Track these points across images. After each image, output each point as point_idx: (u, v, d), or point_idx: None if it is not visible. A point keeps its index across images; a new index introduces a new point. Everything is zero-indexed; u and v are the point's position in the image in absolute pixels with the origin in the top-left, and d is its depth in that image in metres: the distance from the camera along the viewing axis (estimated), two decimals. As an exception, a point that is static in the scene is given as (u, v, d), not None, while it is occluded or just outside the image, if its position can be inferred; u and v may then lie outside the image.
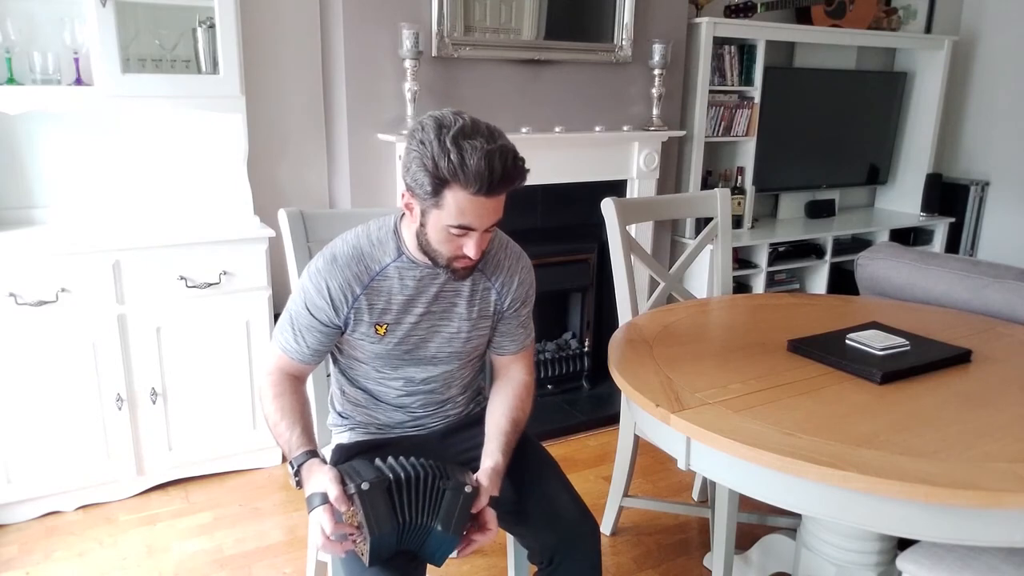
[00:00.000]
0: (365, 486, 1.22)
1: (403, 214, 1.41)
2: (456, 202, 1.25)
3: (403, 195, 1.33)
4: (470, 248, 1.31)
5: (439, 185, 1.24)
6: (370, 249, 1.41)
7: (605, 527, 2.33)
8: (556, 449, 2.80)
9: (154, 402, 2.47)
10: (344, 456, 1.52)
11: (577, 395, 3.32)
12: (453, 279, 1.42)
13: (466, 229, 1.28)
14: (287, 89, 2.88)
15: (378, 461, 1.31)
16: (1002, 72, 4.40)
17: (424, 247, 1.36)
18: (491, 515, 1.33)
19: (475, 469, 1.39)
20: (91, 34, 2.33)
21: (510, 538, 1.75)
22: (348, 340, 1.45)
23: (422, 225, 1.32)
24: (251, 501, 2.52)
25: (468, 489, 1.28)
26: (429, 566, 1.37)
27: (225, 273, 2.49)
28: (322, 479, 1.25)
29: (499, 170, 1.22)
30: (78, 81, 2.41)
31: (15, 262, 2.21)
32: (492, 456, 1.40)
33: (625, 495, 2.30)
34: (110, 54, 2.34)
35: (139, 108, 2.55)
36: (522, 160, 1.27)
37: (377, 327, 1.42)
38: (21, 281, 2.23)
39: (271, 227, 2.54)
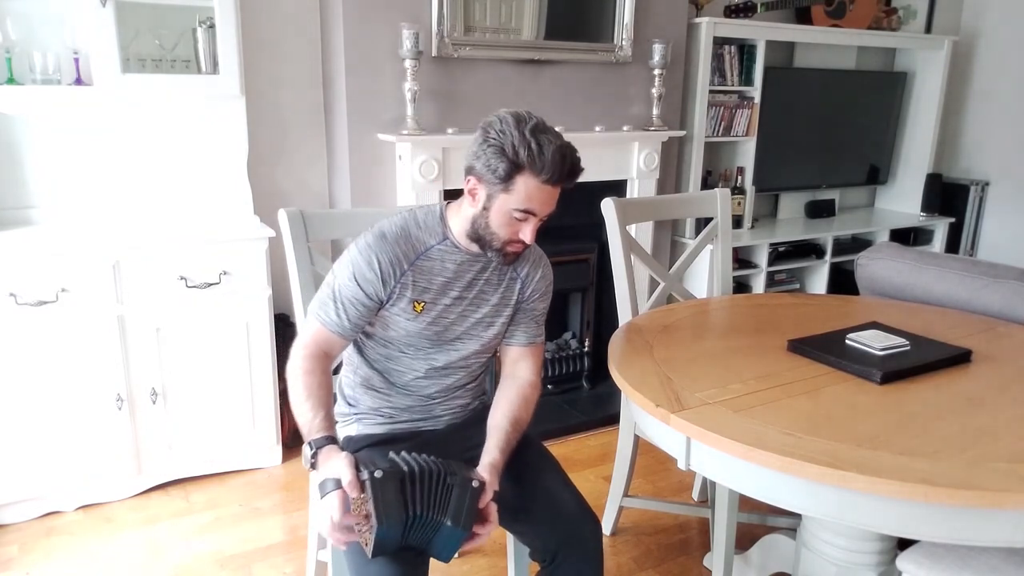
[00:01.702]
0: (378, 474, 1.23)
1: (448, 203, 1.54)
2: (526, 188, 1.38)
3: (468, 180, 1.44)
4: (527, 233, 1.44)
5: (513, 171, 1.37)
6: (417, 231, 1.50)
7: (605, 527, 2.33)
8: (556, 449, 2.79)
9: (154, 402, 2.47)
10: (352, 449, 1.52)
11: (577, 395, 3.32)
12: (501, 263, 1.52)
13: (528, 214, 1.41)
14: (287, 90, 2.88)
15: (392, 454, 1.32)
16: (1002, 72, 4.40)
17: (481, 230, 1.45)
18: (493, 508, 1.35)
19: (475, 466, 1.41)
20: (91, 34, 2.33)
21: (510, 537, 1.76)
22: (384, 316, 1.50)
23: (485, 209, 1.43)
24: (251, 501, 2.52)
25: (475, 484, 1.30)
26: (432, 564, 1.37)
27: (225, 273, 2.49)
28: (338, 464, 1.27)
29: (569, 163, 1.38)
30: (78, 81, 2.41)
31: (15, 262, 2.21)
32: (490, 453, 1.44)
33: (625, 495, 2.30)
34: (110, 54, 2.34)
35: (139, 108, 2.56)
36: (579, 159, 1.42)
37: (415, 304, 1.49)
38: (21, 281, 2.23)
39: (271, 227, 2.54)
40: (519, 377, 1.59)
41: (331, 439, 1.35)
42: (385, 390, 1.57)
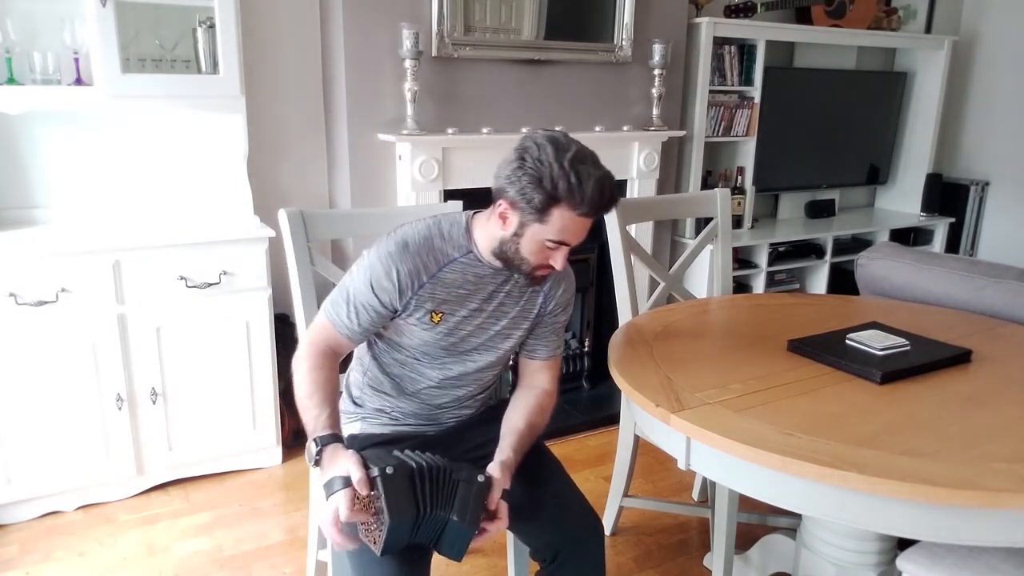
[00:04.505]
0: (389, 470, 1.23)
1: (475, 215, 1.49)
2: (562, 220, 1.34)
3: (499, 204, 1.38)
4: (558, 261, 1.41)
5: (550, 203, 1.32)
6: (440, 243, 1.46)
7: (605, 527, 2.32)
8: (556, 449, 2.78)
9: (154, 402, 2.47)
10: (356, 447, 1.52)
11: (577, 395, 3.32)
12: (528, 284, 1.50)
13: (561, 244, 1.38)
14: (287, 89, 2.88)
15: (396, 452, 1.32)
16: (1002, 72, 4.40)
17: (509, 254, 1.41)
18: (503, 506, 1.35)
19: (484, 465, 1.40)
20: (91, 34, 2.33)
21: (510, 537, 1.76)
22: (399, 324, 1.48)
23: (516, 235, 1.38)
24: (251, 501, 2.52)
25: (481, 479, 1.30)
26: (433, 562, 1.37)
27: (225, 273, 2.49)
28: (345, 463, 1.26)
29: (608, 196, 1.34)
30: (78, 81, 2.41)
31: (15, 262, 2.21)
32: (504, 452, 1.43)
33: (625, 495, 2.30)
34: (110, 54, 2.34)
35: (139, 108, 2.56)
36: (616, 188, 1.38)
37: (433, 315, 1.46)
38: (21, 281, 2.23)
39: (271, 227, 2.54)
40: (537, 386, 1.59)
41: (337, 437, 1.34)
42: (393, 395, 1.57)
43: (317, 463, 1.31)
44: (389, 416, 1.58)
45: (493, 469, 1.37)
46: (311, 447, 1.33)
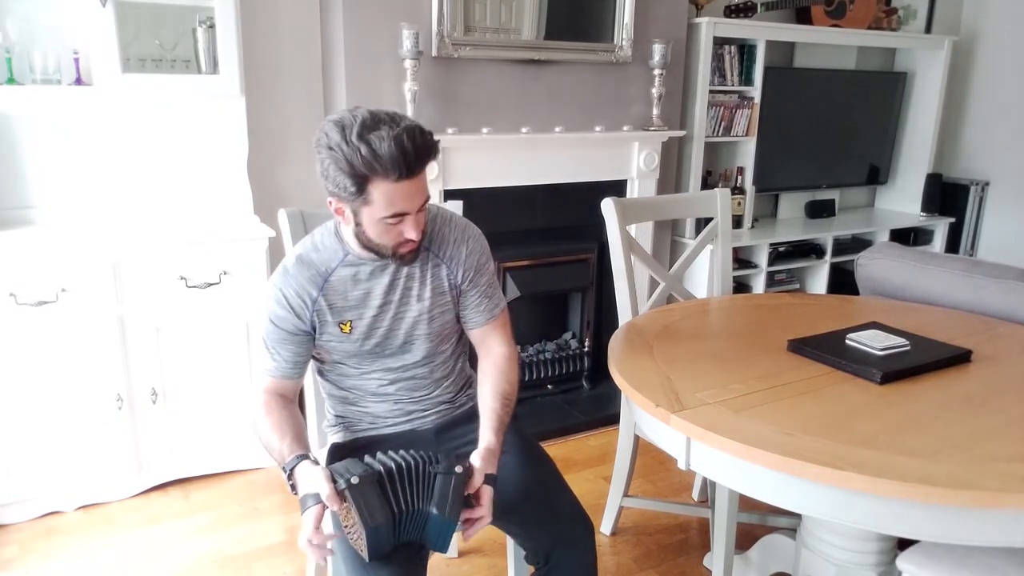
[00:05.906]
0: (354, 480, 1.23)
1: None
2: (383, 194, 1.30)
3: (330, 202, 1.37)
4: (410, 231, 1.36)
5: (361, 182, 1.28)
6: (316, 255, 1.46)
7: (605, 527, 2.33)
8: (556, 449, 2.80)
9: (154, 402, 2.47)
10: (339, 455, 1.53)
11: (577, 395, 3.32)
12: (402, 265, 1.46)
13: (400, 216, 1.34)
14: (287, 89, 2.88)
15: (367, 458, 1.32)
16: (1002, 72, 4.40)
17: (366, 244, 1.40)
18: (486, 493, 1.35)
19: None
20: (91, 34, 2.33)
21: (510, 538, 1.75)
22: (320, 345, 1.49)
23: (358, 225, 1.37)
24: (251, 501, 2.52)
25: (458, 470, 1.30)
26: (430, 564, 1.37)
27: (225, 273, 2.49)
28: (315, 479, 1.26)
29: (411, 150, 1.27)
30: (78, 81, 2.41)
31: (15, 262, 2.21)
32: (484, 437, 1.43)
33: (625, 495, 2.30)
34: (110, 54, 2.34)
35: (139, 108, 2.55)
36: (430, 133, 1.31)
37: (341, 326, 1.47)
38: (21, 281, 2.23)
39: (271, 227, 2.54)
40: (492, 353, 1.58)
41: (303, 456, 1.33)
42: (362, 403, 1.58)
43: (293, 487, 1.32)
44: (368, 420, 1.59)
45: (475, 457, 1.37)
46: (284, 477, 1.33)
